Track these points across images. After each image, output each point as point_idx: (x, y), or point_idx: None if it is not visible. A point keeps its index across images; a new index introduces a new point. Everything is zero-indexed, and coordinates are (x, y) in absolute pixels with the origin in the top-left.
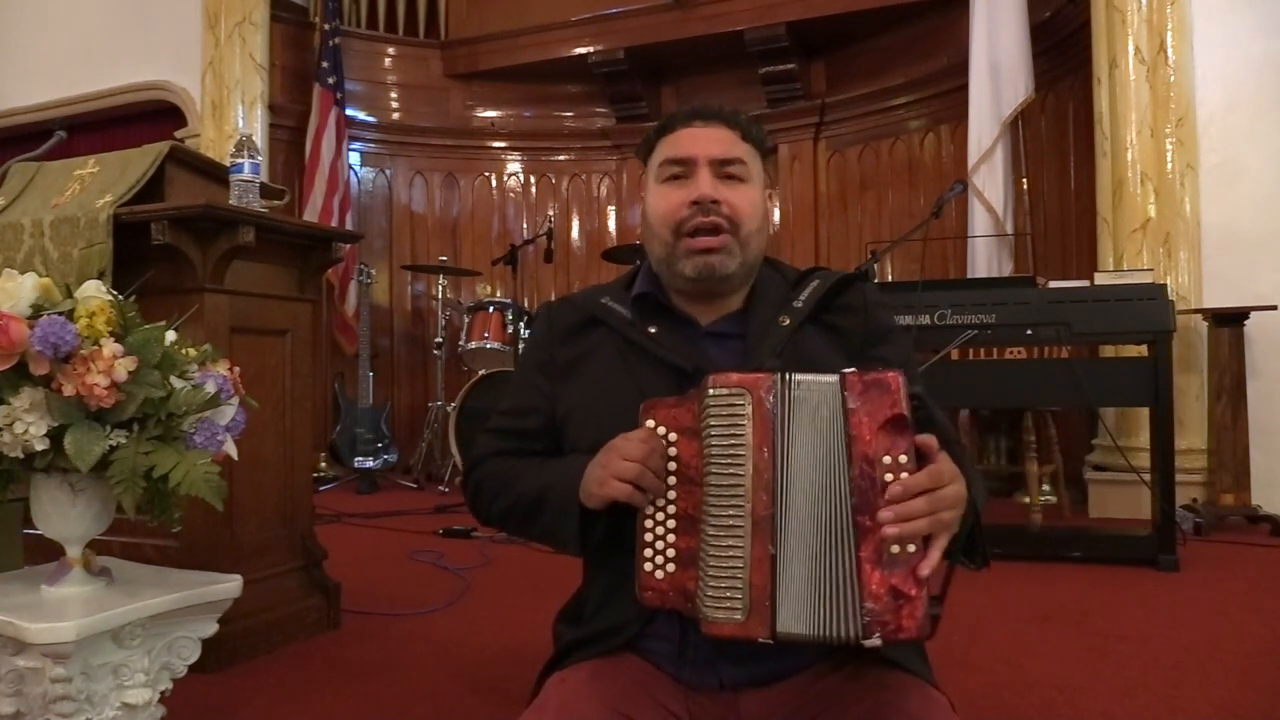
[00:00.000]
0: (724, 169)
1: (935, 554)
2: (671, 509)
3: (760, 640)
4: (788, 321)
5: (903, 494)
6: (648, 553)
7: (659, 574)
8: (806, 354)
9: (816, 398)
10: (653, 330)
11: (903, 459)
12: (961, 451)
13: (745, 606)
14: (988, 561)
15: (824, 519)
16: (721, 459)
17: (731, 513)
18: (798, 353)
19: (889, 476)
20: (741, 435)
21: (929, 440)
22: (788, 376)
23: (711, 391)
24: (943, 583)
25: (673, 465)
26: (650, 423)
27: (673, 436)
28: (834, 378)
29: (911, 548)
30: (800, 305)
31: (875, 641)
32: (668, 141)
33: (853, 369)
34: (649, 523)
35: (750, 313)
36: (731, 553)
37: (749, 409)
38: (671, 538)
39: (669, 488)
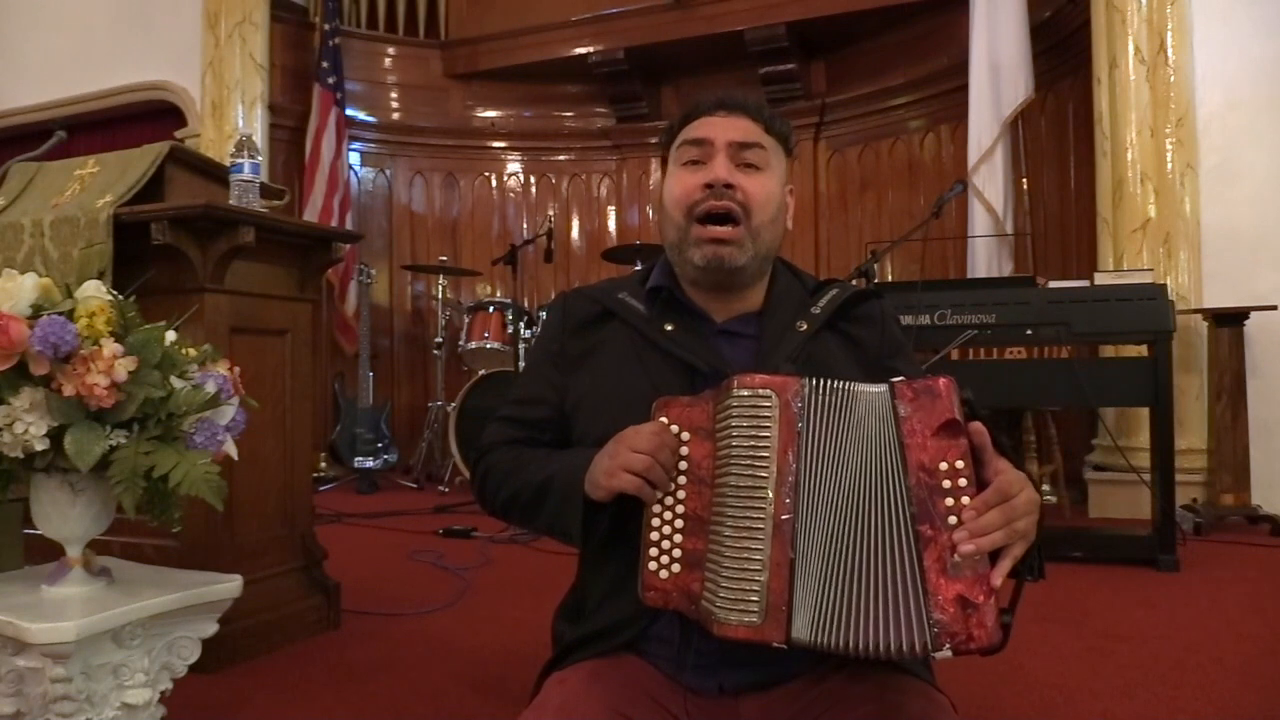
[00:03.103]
0: (743, 153)
1: (1007, 563)
2: (680, 509)
3: (774, 645)
4: (804, 327)
5: (972, 514)
6: (653, 552)
7: (663, 574)
8: (822, 361)
9: (864, 406)
10: (668, 327)
11: (959, 464)
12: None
13: (761, 610)
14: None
15: (869, 528)
16: (742, 459)
17: (751, 514)
18: (813, 359)
19: (947, 483)
20: (766, 437)
21: (980, 430)
22: (824, 382)
23: (736, 391)
24: (1012, 593)
25: (683, 465)
26: (663, 419)
27: (685, 435)
28: (883, 386)
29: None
30: (818, 312)
31: (946, 653)
32: (690, 128)
33: (901, 378)
34: (655, 521)
35: (767, 315)
36: (749, 555)
37: (775, 411)
38: (678, 538)
39: (678, 487)
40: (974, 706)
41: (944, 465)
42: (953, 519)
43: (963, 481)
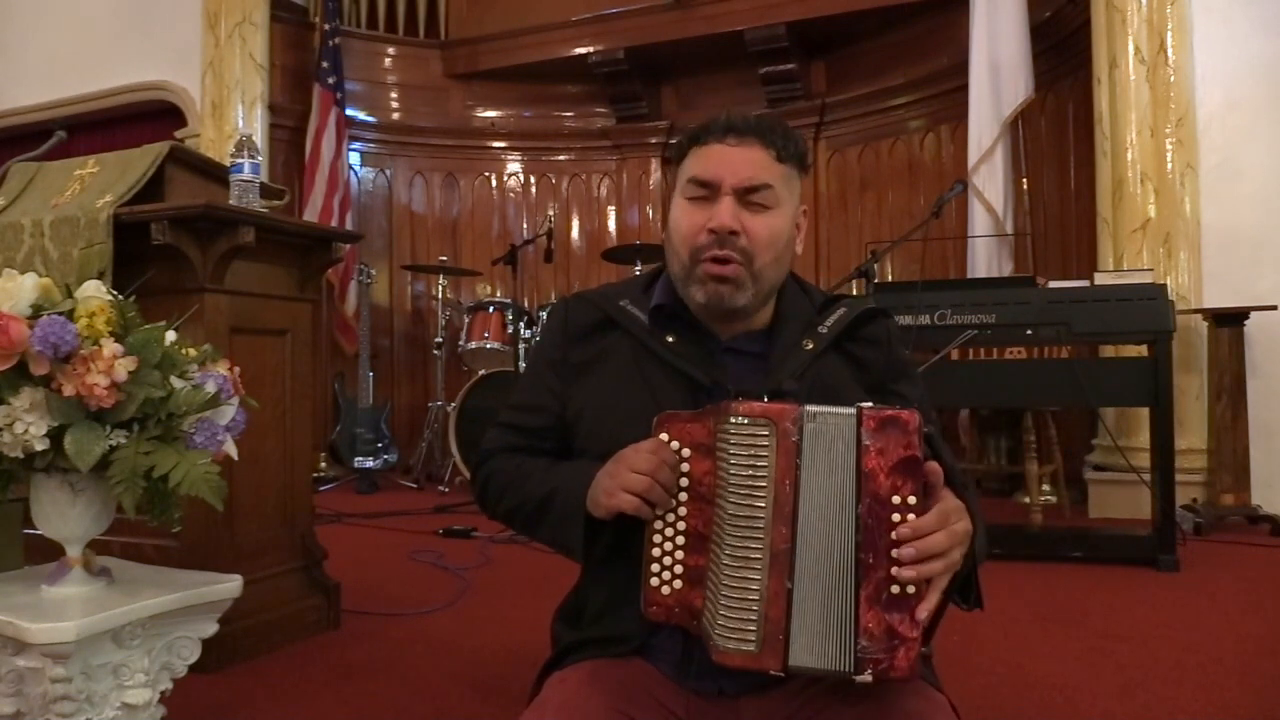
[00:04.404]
0: (749, 197)
1: (934, 596)
2: (681, 525)
3: (771, 672)
4: (811, 346)
5: (912, 535)
6: (655, 568)
7: (665, 589)
8: (826, 380)
9: (833, 430)
10: (670, 340)
11: (911, 500)
12: (972, 496)
13: (759, 639)
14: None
15: (832, 553)
16: (740, 488)
17: (750, 544)
18: (818, 378)
19: (896, 516)
20: (764, 466)
21: (935, 468)
22: (820, 409)
23: (734, 420)
24: (932, 619)
25: (684, 481)
26: (663, 436)
27: (686, 452)
28: (851, 410)
29: (911, 588)
30: (825, 331)
31: (866, 678)
32: (698, 155)
33: (870, 404)
34: (657, 538)
35: (774, 332)
36: (748, 585)
37: (773, 440)
38: (680, 554)
39: (679, 504)
40: (974, 706)
41: (896, 499)
42: (894, 553)
43: (911, 517)
